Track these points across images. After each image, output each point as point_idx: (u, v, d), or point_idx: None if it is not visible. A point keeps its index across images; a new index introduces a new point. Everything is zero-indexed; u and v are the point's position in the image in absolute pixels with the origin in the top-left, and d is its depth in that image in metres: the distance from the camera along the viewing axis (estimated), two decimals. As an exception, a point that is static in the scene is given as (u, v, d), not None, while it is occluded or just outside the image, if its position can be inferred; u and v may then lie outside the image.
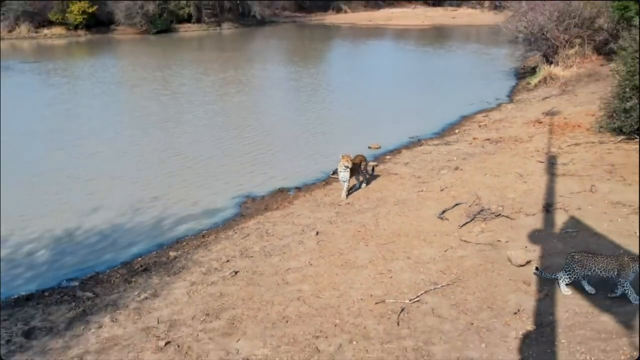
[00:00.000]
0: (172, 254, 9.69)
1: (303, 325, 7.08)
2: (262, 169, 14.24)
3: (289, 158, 15.07)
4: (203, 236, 10.59)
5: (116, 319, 7.49)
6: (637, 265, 6.83)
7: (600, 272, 7.04)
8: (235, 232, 10.49)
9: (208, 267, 8.94)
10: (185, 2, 49.84)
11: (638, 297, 6.78)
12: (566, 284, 7.28)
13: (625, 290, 6.87)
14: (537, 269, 7.68)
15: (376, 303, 7.49)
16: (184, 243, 10.31)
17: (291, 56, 36.95)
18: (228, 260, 9.12)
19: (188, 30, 50.29)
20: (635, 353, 5.72)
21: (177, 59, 34.06)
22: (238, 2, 54.66)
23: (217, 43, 45.01)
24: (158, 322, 7.33)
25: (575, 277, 7.19)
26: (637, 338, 5.92)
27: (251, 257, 9.22)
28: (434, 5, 71.99)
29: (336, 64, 34.81)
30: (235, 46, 42.95)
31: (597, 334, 6.24)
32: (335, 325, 7.04)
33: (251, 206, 12.05)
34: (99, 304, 8.02)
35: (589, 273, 7.11)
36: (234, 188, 12.95)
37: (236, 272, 8.61)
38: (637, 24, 13.51)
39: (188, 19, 51.18)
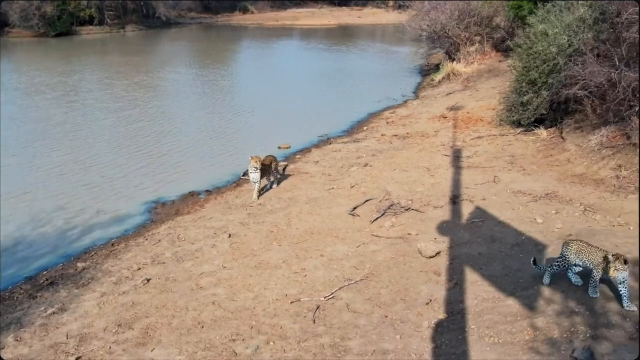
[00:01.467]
0: (80, 265, 9.32)
1: (219, 330, 7.01)
2: (173, 173, 13.93)
3: (200, 161, 14.83)
4: (113, 245, 10.25)
5: (21, 338, 7.12)
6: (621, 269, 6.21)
7: (589, 264, 6.63)
8: (146, 239, 10.24)
9: (119, 277, 8.67)
10: (86, 3, 47.97)
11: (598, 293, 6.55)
12: (553, 273, 6.99)
13: (593, 283, 6.55)
14: (534, 263, 7.19)
15: (292, 302, 7.52)
16: (93, 253, 9.93)
17: (203, 58, 36.35)
18: (140, 269, 8.89)
19: (90, 33, 48.34)
20: (537, 332, 6.03)
21: (83, 64, 32.67)
22: (142, 3, 53.21)
23: (124, 46, 43.62)
24: (67, 338, 7.04)
25: (565, 266, 6.88)
26: (540, 318, 6.23)
27: (163, 263, 9.02)
28: (340, 5, 72.86)
29: (247, 65, 34.55)
30: (144, 49, 41.76)
31: (504, 317, 6.52)
32: (252, 328, 7.01)
33: (162, 212, 11.79)
34: (1, 323, 7.61)
35: (580, 263, 6.74)
36: (143, 194, 12.61)
37: (148, 280, 8.41)
38: (531, 22, 14.19)
39: (90, 22, 49.18)
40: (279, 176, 12.38)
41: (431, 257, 8.38)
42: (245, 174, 12.18)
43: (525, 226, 8.93)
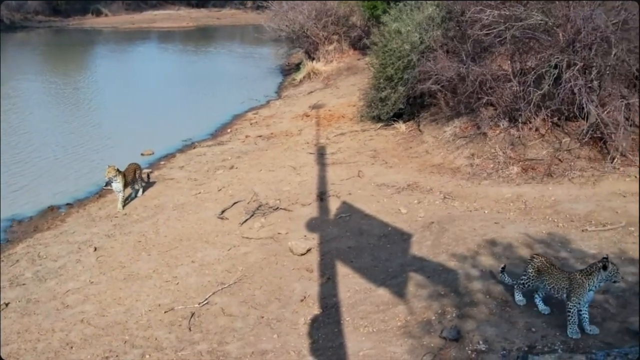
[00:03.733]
0: None
1: (90, 348, 6.64)
2: (28, 188, 12.97)
3: (58, 174, 13.89)
4: (-39, 271, 9.41)
5: None
6: (594, 280, 5.42)
7: (550, 288, 5.79)
8: (2, 260, 9.48)
9: (-29, 304, 7.98)
10: None
11: (594, 327, 5.55)
12: (521, 292, 6.11)
13: (570, 316, 5.49)
14: (503, 269, 6.31)
15: (165, 312, 7.30)
16: (-64, 283, 9.04)
17: (59, 65, 34.07)
18: (-5, 293, 8.24)
19: None
20: (408, 317, 6.27)
21: None
22: (-22, 5, 49.09)
23: (-39, 52, 40.02)
24: None
25: (529, 285, 5.99)
26: (410, 304, 6.48)
27: (23, 284, 8.40)
28: (197, 6, 71.70)
29: (108, 70, 32.69)
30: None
31: (376, 306, 6.71)
32: (125, 342, 6.72)
33: (18, 229, 10.97)
34: None
35: (541, 285, 5.89)
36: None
37: (7, 304, 7.78)
38: (385, 21, 14.80)
39: None
40: (144, 184, 11.96)
41: (302, 255, 8.46)
42: (108, 183, 11.65)
43: (390, 217, 9.26)
